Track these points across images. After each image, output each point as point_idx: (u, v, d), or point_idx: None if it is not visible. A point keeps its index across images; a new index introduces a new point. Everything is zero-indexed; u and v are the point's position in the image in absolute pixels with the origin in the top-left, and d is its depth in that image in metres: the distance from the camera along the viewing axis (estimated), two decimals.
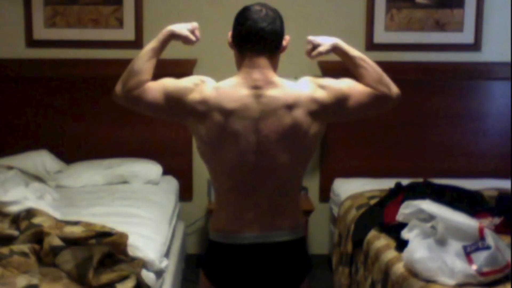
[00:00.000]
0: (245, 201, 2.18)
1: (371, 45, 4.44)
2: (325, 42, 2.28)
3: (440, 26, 4.48)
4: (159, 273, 3.03)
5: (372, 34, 4.46)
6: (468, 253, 2.62)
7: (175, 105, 2.16)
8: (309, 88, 2.17)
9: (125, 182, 4.17)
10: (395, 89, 2.25)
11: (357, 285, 3.38)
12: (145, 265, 2.85)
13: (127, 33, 4.41)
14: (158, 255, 3.04)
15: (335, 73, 2.57)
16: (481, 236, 2.65)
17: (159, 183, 4.21)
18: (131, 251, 2.84)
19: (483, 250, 2.60)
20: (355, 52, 2.28)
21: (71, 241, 2.78)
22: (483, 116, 4.54)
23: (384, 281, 2.94)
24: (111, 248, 2.73)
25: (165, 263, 3.12)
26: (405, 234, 2.94)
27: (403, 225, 3.01)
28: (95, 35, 4.41)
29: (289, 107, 2.12)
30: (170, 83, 2.19)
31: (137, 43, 4.32)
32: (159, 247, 3.15)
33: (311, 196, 4.48)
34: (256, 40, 2.14)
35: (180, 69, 3.85)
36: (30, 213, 3.07)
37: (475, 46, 4.49)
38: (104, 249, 2.69)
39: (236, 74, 2.19)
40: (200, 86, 2.15)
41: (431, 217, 2.82)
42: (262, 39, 2.14)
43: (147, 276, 2.82)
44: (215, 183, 2.25)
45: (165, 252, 3.33)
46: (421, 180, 3.92)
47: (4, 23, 4.41)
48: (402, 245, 2.90)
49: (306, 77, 2.23)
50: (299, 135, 2.14)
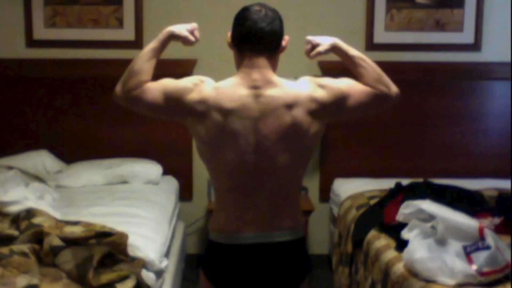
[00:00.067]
0: (245, 201, 2.17)
1: (371, 45, 4.43)
2: (324, 41, 2.28)
3: (440, 26, 4.48)
4: (159, 273, 3.03)
5: (372, 34, 4.46)
6: (468, 253, 2.62)
7: (175, 105, 2.16)
8: (308, 87, 2.17)
9: (125, 182, 4.17)
10: (394, 88, 2.25)
11: (357, 285, 3.38)
12: (145, 265, 2.85)
13: (127, 33, 4.41)
14: (158, 255, 3.04)
15: (335, 72, 2.57)
16: (481, 236, 2.65)
17: (159, 183, 4.21)
18: (131, 251, 2.84)
19: (483, 250, 2.60)
20: (354, 51, 2.28)
21: (71, 241, 2.78)
22: (483, 116, 4.54)
23: (384, 281, 2.94)
24: (111, 248, 2.73)
25: (165, 263, 3.12)
26: (405, 234, 2.94)
27: (403, 225, 3.01)
28: (95, 35, 4.41)
29: (288, 106, 2.12)
30: (169, 83, 2.19)
31: (137, 43, 4.32)
32: (159, 247, 3.15)
33: (311, 196, 4.48)
34: (255, 40, 2.14)
35: (180, 69, 3.86)
36: (30, 213, 3.07)
37: (475, 46, 4.49)
38: (104, 249, 2.69)
39: (235, 74, 2.19)
40: (199, 86, 2.15)
41: (431, 217, 2.82)
42: (261, 39, 2.14)
43: (147, 276, 2.82)
44: (215, 183, 2.25)
45: (165, 252, 3.33)
46: (421, 180, 3.92)
47: (4, 23, 4.41)
48: (402, 245, 2.90)
49: (305, 76, 2.23)
50: (299, 134, 2.14)
